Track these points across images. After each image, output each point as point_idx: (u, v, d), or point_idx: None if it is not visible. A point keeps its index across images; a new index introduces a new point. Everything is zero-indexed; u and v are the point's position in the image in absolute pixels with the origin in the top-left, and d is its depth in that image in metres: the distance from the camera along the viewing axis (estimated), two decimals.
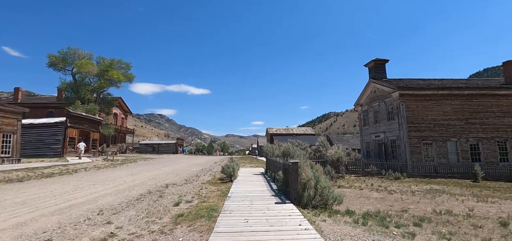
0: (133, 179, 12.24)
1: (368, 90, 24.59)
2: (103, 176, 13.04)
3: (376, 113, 23.35)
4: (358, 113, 26.99)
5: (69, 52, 37.68)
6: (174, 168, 18.71)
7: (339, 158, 16.02)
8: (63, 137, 25.56)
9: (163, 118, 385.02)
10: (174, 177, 13.77)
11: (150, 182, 11.40)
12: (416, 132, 19.32)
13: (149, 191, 9.27)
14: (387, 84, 21.05)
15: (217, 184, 11.41)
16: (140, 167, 18.83)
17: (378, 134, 22.79)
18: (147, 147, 66.63)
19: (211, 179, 13.16)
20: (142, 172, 15.40)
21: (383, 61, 23.20)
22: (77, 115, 27.53)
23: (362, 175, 16.71)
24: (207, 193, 9.26)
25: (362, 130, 26.12)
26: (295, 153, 14.48)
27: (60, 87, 36.67)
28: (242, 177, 13.46)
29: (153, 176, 13.59)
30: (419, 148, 19.09)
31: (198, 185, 11.28)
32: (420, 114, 19.61)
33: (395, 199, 9.55)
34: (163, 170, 17.00)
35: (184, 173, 15.66)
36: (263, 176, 13.94)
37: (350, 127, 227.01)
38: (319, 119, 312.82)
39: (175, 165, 22.19)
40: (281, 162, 8.94)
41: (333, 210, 6.62)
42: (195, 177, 14.12)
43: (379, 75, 23.03)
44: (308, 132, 61.31)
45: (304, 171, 7.06)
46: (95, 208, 6.71)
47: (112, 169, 16.92)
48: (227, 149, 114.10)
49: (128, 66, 43.17)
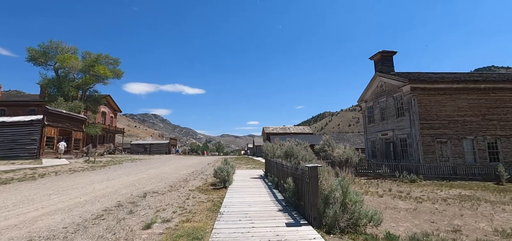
0: (106, 186, 10.09)
1: (373, 84, 22.82)
2: (71, 183, 10.85)
3: (383, 110, 21.59)
4: (362, 110, 25.22)
5: (51, 45, 34.96)
6: (161, 171, 16.56)
7: (348, 158, 14.14)
8: (40, 137, 23.09)
9: (157, 118, 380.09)
10: (158, 182, 11.65)
11: (124, 190, 9.28)
12: (429, 129, 17.59)
13: (118, 204, 7.17)
14: (396, 77, 19.27)
15: (208, 192, 9.38)
16: (123, 170, 16.63)
17: (385, 132, 21.03)
18: (139, 147, 63.95)
19: (201, 185, 11.11)
20: (122, 176, 13.23)
21: (391, 53, 21.44)
22: (57, 112, 25.06)
23: (373, 178, 14.87)
24: (194, 205, 7.23)
25: (367, 128, 24.34)
26: (299, 153, 12.52)
27: (41, 83, 33.97)
28: (238, 181, 11.44)
29: (132, 182, 11.44)
30: (433, 147, 17.37)
31: (184, 193, 9.23)
32: (433, 109, 17.89)
33: (430, 210, 7.66)
34: (148, 174, 14.84)
35: (171, 177, 13.54)
36: (262, 180, 11.94)
37: (345, 127, 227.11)
38: (314, 118, 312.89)
39: (163, 167, 20.01)
40: (290, 166, 6.95)
41: (369, 236, 4.66)
42: (183, 182, 12.03)
43: (386, 68, 21.26)
44: (305, 131, 59.53)
45: (326, 179, 5.08)
46: (21, 236, 4.60)
47: (88, 173, 14.68)
48: (222, 149, 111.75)
49: (117, 62, 40.65)
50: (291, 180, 6.22)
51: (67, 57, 33.80)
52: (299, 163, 11.38)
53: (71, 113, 26.98)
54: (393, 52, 21.48)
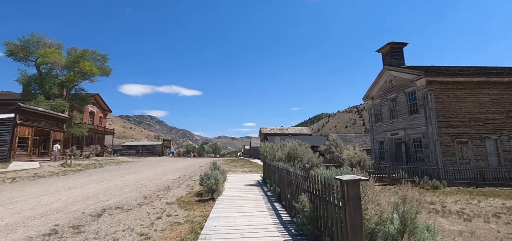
0: (57, 199, 7.83)
1: (381, 79, 20.84)
2: (16, 194, 8.55)
3: (392, 107, 19.59)
4: (368, 107, 23.22)
5: (32, 39, 32.41)
6: (142, 176, 14.29)
7: (360, 161, 12.05)
8: (11, 137, 20.64)
9: (153, 120, 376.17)
10: (130, 191, 9.41)
11: (77, 206, 7.03)
12: (448, 128, 15.62)
13: (50, 232, 4.94)
14: (409, 70, 17.29)
15: (191, 206, 7.20)
16: (98, 175, 14.32)
17: (395, 132, 19.02)
18: (130, 149, 61.32)
19: (184, 195, 8.91)
20: (90, 184, 10.94)
21: (401, 44, 19.49)
22: (32, 110, 22.61)
23: (389, 184, 12.79)
24: (164, 230, 5.05)
25: (374, 128, 22.34)
26: (304, 155, 10.40)
27: (20, 80, 31.33)
28: (230, 190, 9.26)
29: (97, 192, 9.18)
30: (452, 147, 15.39)
31: (159, 208, 7.04)
32: (452, 106, 15.93)
33: (490, 232, 5.58)
34: (124, 180, 12.57)
35: (151, 185, 11.30)
36: (260, 189, 9.77)
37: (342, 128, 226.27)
38: (311, 120, 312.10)
39: (147, 171, 17.72)
40: (300, 176, 4.80)
41: None
42: (163, 191, 9.80)
43: (396, 61, 19.29)
44: (304, 132, 57.52)
45: (371, 201, 2.93)
46: None
47: (53, 180, 12.37)
48: (218, 150, 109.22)
49: (104, 58, 38.17)
50: (306, 199, 4.07)
51: (49, 52, 31.31)
52: (309, 169, 9.24)
53: (49, 111, 24.53)
54: (403, 43, 19.53)
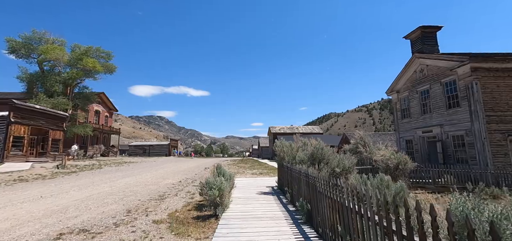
0: (7, 217, 5.95)
1: (410, 70, 18.28)
2: None
3: (424, 100, 17.04)
4: (393, 102, 20.66)
5: (34, 36, 31.37)
6: (138, 180, 12.40)
7: (399, 163, 9.72)
8: (5, 136, 19.30)
9: (162, 120, 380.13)
10: (112, 203, 7.46)
11: (25, 229, 5.10)
12: (499, 123, 13.03)
13: None
14: (448, 56, 14.75)
15: (185, 227, 5.17)
16: (87, 179, 12.54)
17: (428, 129, 16.48)
18: (137, 149, 60.43)
19: (181, 208, 6.90)
20: (70, 191, 9.09)
21: (434, 28, 16.91)
22: (28, 108, 21.26)
23: (434, 191, 10.39)
24: None
25: (400, 125, 19.78)
26: (332, 156, 8.20)
27: (21, 77, 30.28)
28: (239, 201, 7.17)
29: (69, 204, 7.26)
30: (505, 147, 12.79)
31: (141, 230, 5.04)
32: (503, 97, 13.32)
33: None
34: (114, 185, 10.68)
35: (143, 192, 9.35)
36: (277, 200, 7.63)
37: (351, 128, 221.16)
38: (319, 119, 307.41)
39: (147, 173, 15.89)
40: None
41: None
42: (155, 201, 7.82)
43: (428, 47, 16.74)
44: (315, 131, 54.91)
45: None
46: None
47: (34, 185, 10.65)
48: (226, 150, 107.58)
49: (109, 56, 36.92)
50: None
51: (51, 48, 30.17)
52: (339, 176, 7.08)
53: (47, 109, 23.15)
54: (437, 27, 16.94)
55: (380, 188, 5.67)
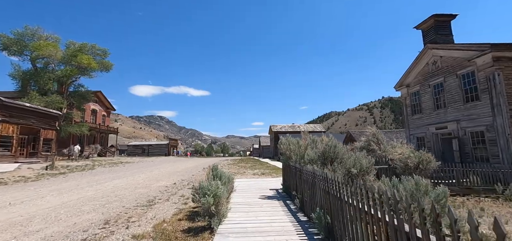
0: None
1: (422, 62, 17.11)
2: None
3: (438, 94, 15.88)
4: (402, 97, 19.49)
5: (26, 32, 30.25)
6: (128, 182, 11.29)
7: (420, 163, 8.58)
8: None
9: (163, 120, 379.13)
10: (90, 211, 6.35)
11: None
12: None
13: None
14: (466, 46, 13.58)
15: None
16: (73, 182, 11.45)
17: (443, 125, 15.32)
18: (136, 148, 59.42)
19: (170, 218, 5.79)
20: (47, 196, 7.99)
21: (449, 17, 15.75)
22: (17, 106, 20.17)
23: (458, 193, 9.25)
24: None
25: (410, 121, 18.63)
26: (346, 157, 7.07)
27: (14, 74, 29.21)
28: (239, 208, 6.04)
29: (38, 213, 6.16)
30: None
31: None
32: None
33: None
34: (99, 189, 9.58)
35: (130, 196, 8.24)
36: (285, 206, 6.50)
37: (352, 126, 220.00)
38: (320, 118, 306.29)
39: (141, 174, 14.79)
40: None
41: None
42: (141, 208, 6.72)
43: (442, 37, 15.58)
44: (317, 129, 53.71)
45: None
46: None
47: (10, 189, 9.55)
48: (227, 150, 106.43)
49: (105, 53, 35.84)
50: None
51: (43, 44, 29.07)
52: (355, 178, 6.00)
53: (38, 107, 22.06)
54: (451, 15, 15.78)
55: (415, 194, 4.56)
